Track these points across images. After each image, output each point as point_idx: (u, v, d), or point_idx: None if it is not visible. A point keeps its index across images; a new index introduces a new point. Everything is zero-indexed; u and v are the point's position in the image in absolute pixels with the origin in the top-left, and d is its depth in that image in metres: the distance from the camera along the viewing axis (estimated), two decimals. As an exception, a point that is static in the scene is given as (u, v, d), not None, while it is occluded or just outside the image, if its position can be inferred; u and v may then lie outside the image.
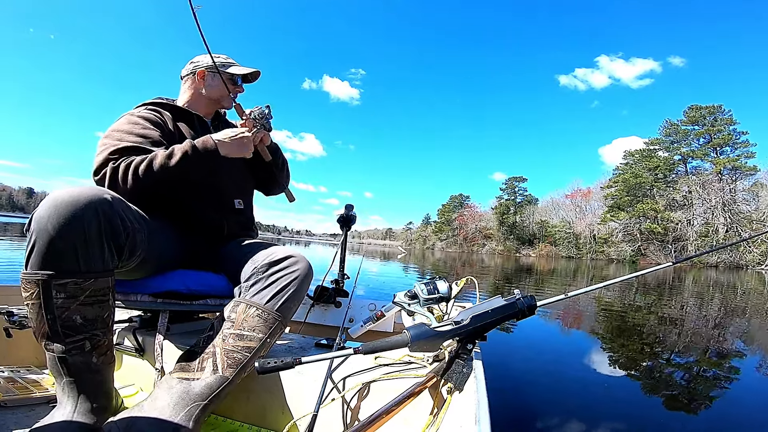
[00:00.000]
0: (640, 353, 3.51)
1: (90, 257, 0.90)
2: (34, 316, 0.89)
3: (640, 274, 1.09)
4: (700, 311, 6.74)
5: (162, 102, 1.44)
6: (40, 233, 0.86)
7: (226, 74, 1.45)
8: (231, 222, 1.42)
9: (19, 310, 1.21)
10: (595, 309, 6.25)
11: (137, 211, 1.08)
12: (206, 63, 1.47)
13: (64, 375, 0.93)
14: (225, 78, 1.44)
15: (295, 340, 1.49)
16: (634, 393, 2.51)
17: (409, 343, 0.71)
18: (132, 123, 1.29)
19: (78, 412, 0.93)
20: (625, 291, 9.19)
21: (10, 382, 1.24)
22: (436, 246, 76.49)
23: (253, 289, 1.11)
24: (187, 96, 1.50)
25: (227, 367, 1.01)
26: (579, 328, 4.72)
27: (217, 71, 1.42)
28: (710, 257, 38.14)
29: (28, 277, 0.88)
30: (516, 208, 66.31)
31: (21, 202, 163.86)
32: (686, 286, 12.48)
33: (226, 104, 1.52)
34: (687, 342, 4.11)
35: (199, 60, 1.49)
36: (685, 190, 46.58)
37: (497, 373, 2.67)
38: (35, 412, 1.09)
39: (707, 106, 46.53)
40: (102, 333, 0.97)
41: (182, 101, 1.50)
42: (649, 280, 13.78)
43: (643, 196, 48.10)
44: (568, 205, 60.90)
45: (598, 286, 0.97)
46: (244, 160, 1.43)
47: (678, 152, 48.86)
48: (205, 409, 0.97)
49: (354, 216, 2.02)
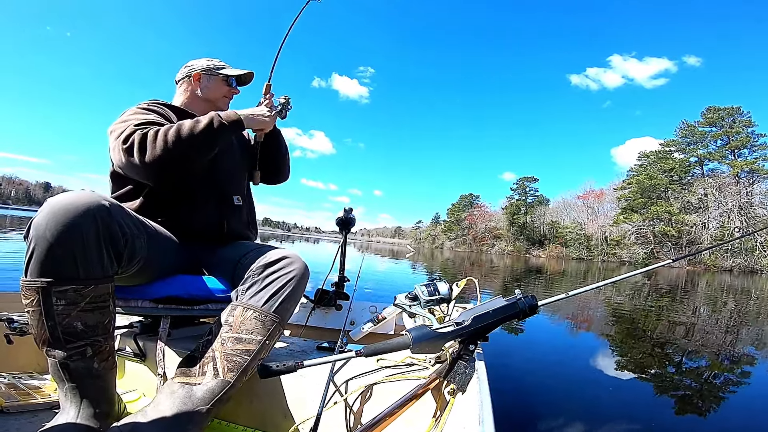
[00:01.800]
0: (649, 356, 3.47)
1: (89, 264, 0.90)
2: (35, 322, 0.89)
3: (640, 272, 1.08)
4: (712, 315, 6.62)
5: (161, 102, 1.45)
6: (39, 240, 0.86)
7: (221, 75, 1.51)
8: (231, 219, 1.42)
9: (19, 317, 1.20)
10: (605, 311, 6.19)
11: (136, 217, 1.08)
12: (201, 66, 1.50)
13: (66, 381, 0.93)
14: (220, 79, 1.50)
15: (297, 343, 1.49)
16: (641, 395, 2.49)
17: (410, 345, 0.71)
18: (141, 112, 1.31)
19: (81, 417, 0.93)
20: (636, 294, 9.07)
21: (12, 389, 1.23)
22: (445, 245, 76.07)
23: (249, 292, 1.10)
24: (183, 98, 1.51)
25: (228, 370, 1.01)
26: (588, 330, 4.69)
27: (212, 73, 1.49)
28: (725, 261, 37.39)
29: (28, 284, 0.87)
30: (527, 209, 65.62)
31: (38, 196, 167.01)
32: (699, 290, 12.27)
33: (221, 105, 1.53)
34: (698, 346, 4.05)
35: (193, 64, 1.52)
36: (701, 192, 45.59)
37: (501, 374, 2.66)
38: (38, 418, 1.10)
39: (725, 108, 45.50)
40: (103, 339, 0.97)
41: (178, 104, 1.51)
42: (661, 283, 13.57)
43: (657, 198, 47.21)
44: (580, 206, 60.08)
45: (598, 284, 0.95)
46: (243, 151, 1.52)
47: (694, 154, 47.86)
48: (208, 414, 0.97)
49: (353, 219, 2.01)
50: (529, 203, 66.74)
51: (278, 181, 1.73)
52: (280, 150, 1.64)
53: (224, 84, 1.51)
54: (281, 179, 1.73)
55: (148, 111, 1.32)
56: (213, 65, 1.51)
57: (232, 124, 1.28)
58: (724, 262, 37.29)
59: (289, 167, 1.73)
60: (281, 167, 1.68)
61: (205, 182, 1.36)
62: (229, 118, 1.27)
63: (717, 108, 46.07)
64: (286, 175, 1.73)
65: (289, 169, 1.73)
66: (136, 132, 1.16)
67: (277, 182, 1.73)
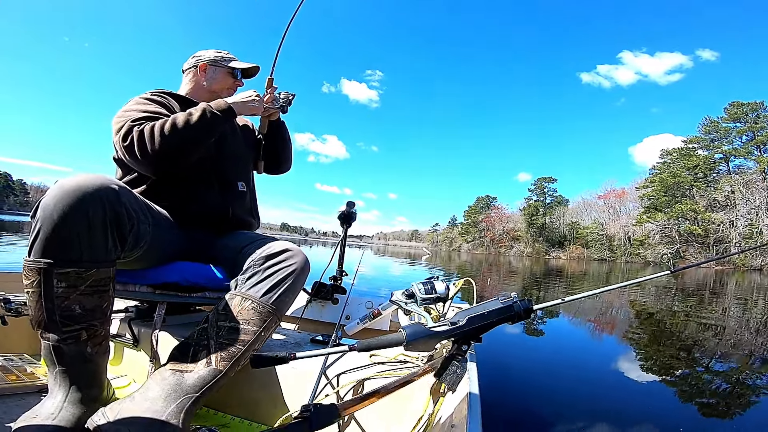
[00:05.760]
0: (671, 357, 3.36)
1: (93, 246, 0.90)
2: (33, 304, 0.89)
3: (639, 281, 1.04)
4: (742, 316, 6.39)
5: (166, 91, 1.47)
6: (45, 220, 0.85)
7: (227, 68, 1.53)
8: (236, 205, 1.43)
9: (15, 297, 1.19)
10: (627, 312, 6.04)
11: (143, 201, 1.08)
12: (209, 57, 1.53)
13: (57, 364, 0.92)
14: (226, 71, 1.53)
15: (291, 335, 1.48)
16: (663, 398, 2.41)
17: (404, 342, 0.70)
18: (142, 103, 1.33)
19: (68, 401, 0.92)
20: (662, 294, 8.83)
21: (2, 371, 1.22)
22: (462, 248, 75.73)
23: (249, 282, 1.10)
24: (189, 87, 1.54)
25: (221, 359, 1.00)
26: (611, 333, 4.56)
27: (218, 65, 1.52)
28: (754, 260, 36.11)
29: (30, 265, 0.87)
30: (545, 210, 64.83)
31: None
32: (729, 290, 11.86)
33: (225, 96, 1.53)
34: (728, 348, 3.91)
35: (201, 54, 1.55)
36: (727, 189, 44.23)
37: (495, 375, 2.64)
38: (26, 401, 1.08)
39: (749, 103, 44.28)
40: (99, 323, 0.96)
41: (184, 93, 1.53)
42: (689, 284, 13.18)
43: (682, 197, 46.07)
44: (601, 206, 59.04)
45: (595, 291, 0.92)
46: (247, 140, 1.55)
47: (719, 150, 46.61)
48: (197, 402, 0.95)
49: (354, 213, 2.00)
50: (548, 204, 65.98)
51: (280, 171, 1.75)
52: (284, 140, 1.67)
53: (230, 76, 1.54)
54: (283, 169, 1.75)
55: (150, 101, 1.34)
56: (220, 57, 1.53)
57: (223, 113, 1.30)
58: (754, 261, 36.00)
59: (291, 158, 1.76)
60: (284, 157, 1.71)
61: (211, 168, 1.38)
62: (220, 107, 1.30)
63: (740, 103, 44.90)
64: (288, 165, 1.75)
65: (291, 159, 1.76)
66: (134, 128, 1.18)
67: (279, 172, 1.75)
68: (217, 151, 1.39)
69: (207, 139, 1.28)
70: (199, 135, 1.24)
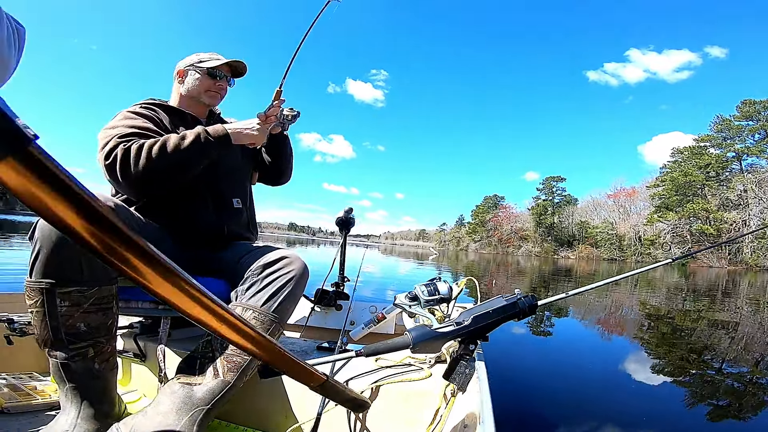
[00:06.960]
0: (684, 360, 3.33)
1: (93, 265, 0.90)
2: (38, 323, 0.89)
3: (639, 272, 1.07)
4: (755, 317, 6.30)
5: (155, 101, 1.41)
6: (44, 241, 0.86)
7: (201, 69, 1.41)
8: (231, 222, 1.40)
9: (19, 318, 1.19)
10: (640, 313, 5.98)
11: (140, 218, 1.08)
12: (185, 62, 1.44)
13: (66, 381, 0.93)
14: (202, 73, 1.41)
15: (297, 343, 1.49)
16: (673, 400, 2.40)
17: (410, 345, 0.70)
18: (130, 117, 1.27)
19: (81, 417, 0.93)
20: (673, 295, 8.73)
21: (12, 389, 1.23)
22: (470, 247, 75.26)
23: (249, 292, 1.10)
24: (174, 96, 1.47)
25: (228, 371, 1.00)
26: (621, 334, 4.53)
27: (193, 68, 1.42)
28: (766, 260, 35.47)
29: (32, 285, 0.87)
30: (554, 209, 64.17)
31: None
32: (741, 291, 11.68)
33: (206, 100, 1.45)
34: (739, 350, 3.86)
35: (183, 60, 1.46)
36: (740, 188, 43.44)
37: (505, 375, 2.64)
38: (38, 419, 1.10)
39: (761, 101, 43.35)
40: (105, 340, 0.97)
41: (172, 103, 1.48)
42: (700, 284, 13.00)
43: (693, 196, 45.34)
44: (611, 205, 58.33)
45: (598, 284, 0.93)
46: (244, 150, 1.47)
47: (731, 149, 45.75)
48: (208, 414, 0.96)
49: (353, 219, 1.99)
50: (557, 203, 65.25)
51: (277, 183, 1.70)
52: (284, 155, 1.60)
53: (208, 77, 1.42)
54: (281, 182, 1.70)
55: (138, 116, 1.28)
56: (197, 59, 1.42)
57: (218, 140, 1.24)
58: (766, 261, 35.36)
59: (291, 171, 1.70)
60: (284, 170, 1.65)
61: (205, 185, 1.35)
62: (217, 133, 1.24)
63: (753, 101, 44.00)
64: (287, 178, 1.70)
65: (290, 173, 1.70)
66: (119, 146, 1.13)
67: (278, 184, 1.71)
68: (212, 168, 1.33)
69: (196, 166, 1.23)
70: (189, 161, 1.19)
